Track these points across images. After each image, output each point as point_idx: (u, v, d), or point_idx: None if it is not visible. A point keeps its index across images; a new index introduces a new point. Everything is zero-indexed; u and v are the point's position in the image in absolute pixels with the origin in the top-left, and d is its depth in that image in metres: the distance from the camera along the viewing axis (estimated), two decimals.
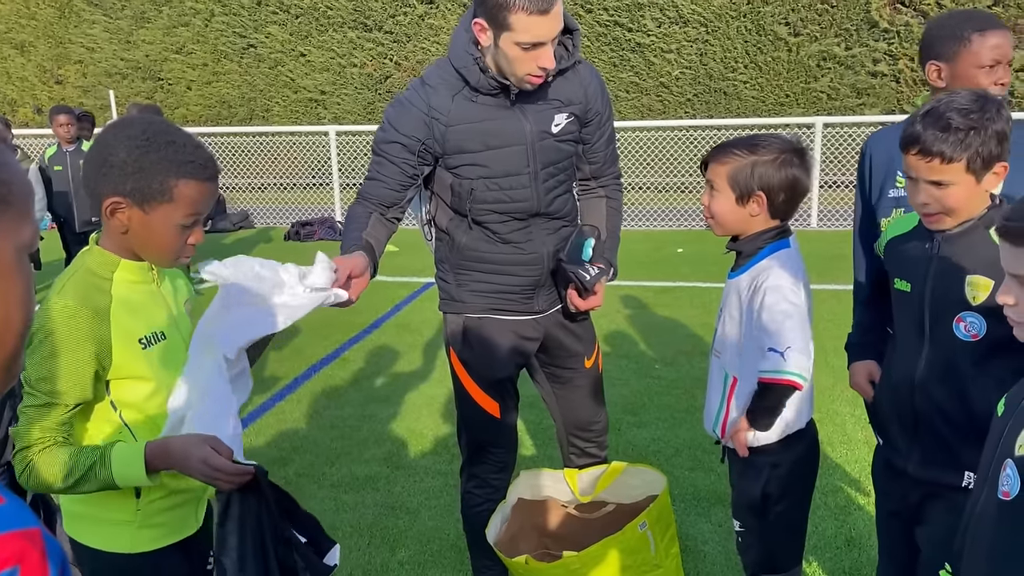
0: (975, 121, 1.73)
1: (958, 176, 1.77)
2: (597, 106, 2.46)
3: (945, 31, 2.34)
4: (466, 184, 2.37)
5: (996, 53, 2.26)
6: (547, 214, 2.45)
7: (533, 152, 2.36)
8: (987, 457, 1.44)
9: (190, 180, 1.59)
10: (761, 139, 2.08)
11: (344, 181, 13.12)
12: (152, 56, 16.64)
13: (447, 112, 2.31)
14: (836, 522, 3.35)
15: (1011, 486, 1.30)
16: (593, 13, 14.44)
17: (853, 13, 13.41)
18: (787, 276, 2.01)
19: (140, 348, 1.65)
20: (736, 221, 2.09)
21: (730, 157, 2.06)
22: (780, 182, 2.02)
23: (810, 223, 11.21)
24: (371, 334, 6.40)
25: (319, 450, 4.28)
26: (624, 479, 2.65)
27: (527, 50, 2.14)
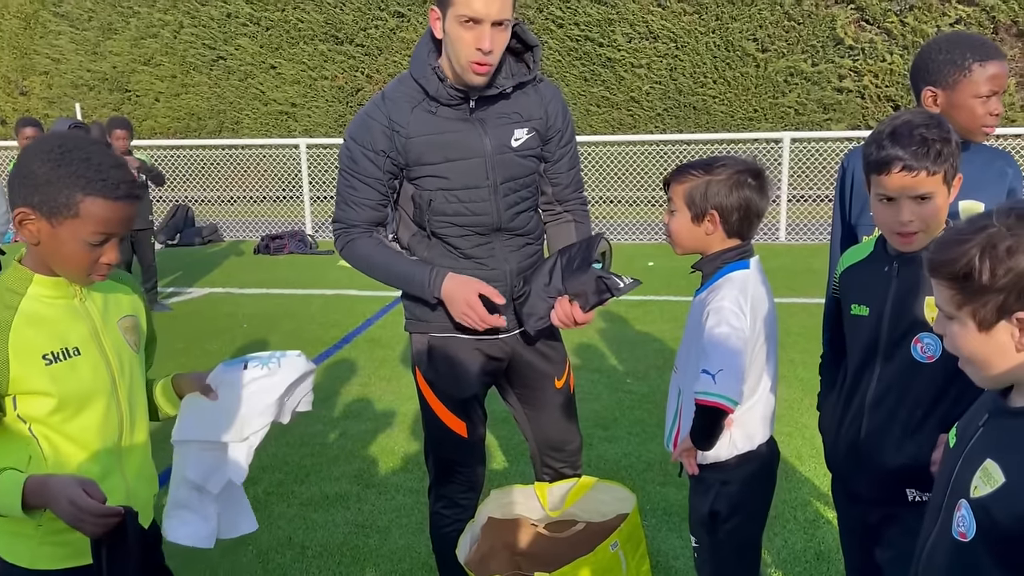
0: (942, 134, 1.82)
1: (938, 187, 1.84)
2: (558, 124, 2.47)
3: (944, 57, 2.30)
4: (426, 195, 2.37)
5: (994, 84, 2.27)
6: (509, 230, 2.44)
7: (492, 165, 2.36)
8: (939, 489, 1.43)
9: (97, 197, 1.57)
10: (719, 160, 2.11)
11: (315, 194, 13.06)
12: (119, 68, 16.47)
13: (406, 124, 2.31)
14: (805, 536, 3.37)
15: (967, 528, 1.29)
16: (564, 28, 14.54)
17: (819, 30, 13.64)
18: (732, 298, 2.02)
19: (43, 364, 1.63)
20: (692, 240, 2.12)
21: (687, 177, 2.10)
22: (733, 202, 2.05)
23: (778, 237, 11.35)
24: (341, 349, 6.35)
25: (288, 468, 4.23)
26: (594, 495, 2.64)
27: (468, 28, 2.17)
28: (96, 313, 1.74)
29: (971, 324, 1.29)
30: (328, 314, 7.42)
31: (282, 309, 7.80)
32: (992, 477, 1.26)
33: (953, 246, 1.29)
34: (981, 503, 1.26)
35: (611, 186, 12.79)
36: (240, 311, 7.78)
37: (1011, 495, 1.21)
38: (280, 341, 6.60)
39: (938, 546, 1.38)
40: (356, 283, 8.64)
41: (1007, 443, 1.28)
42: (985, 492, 1.26)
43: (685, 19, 14.08)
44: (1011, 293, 1.24)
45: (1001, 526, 1.22)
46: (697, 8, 14.01)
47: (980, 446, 1.33)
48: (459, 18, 2.17)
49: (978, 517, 1.26)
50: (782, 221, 11.40)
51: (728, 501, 2.12)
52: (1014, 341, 1.26)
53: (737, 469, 2.11)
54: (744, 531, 2.19)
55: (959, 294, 1.29)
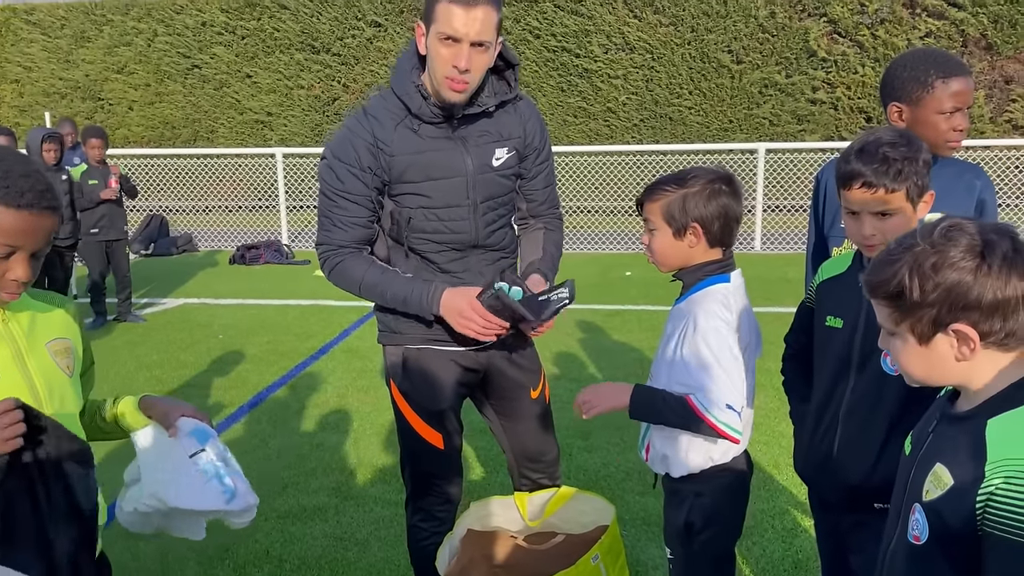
0: (907, 153, 1.85)
1: (900, 204, 1.87)
2: (535, 142, 2.48)
3: (909, 74, 2.34)
4: (405, 212, 2.36)
5: (957, 100, 2.30)
6: (485, 246, 2.45)
7: (473, 185, 2.36)
8: (897, 496, 1.47)
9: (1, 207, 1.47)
10: (688, 172, 2.11)
11: (291, 203, 12.99)
12: (92, 76, 16.32)
13: (390, 142, 2.30)
14: (783, 544, 3.39)
15: (920, 531, 1.33)
16: (541, 39, 14.62)
17: (793, 43, 13.82)
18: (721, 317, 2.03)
19: None
20: (677, 255, 2.12)
21: (661, 194, 2.09)
22: (712, 211, 2.05)
23: (753, 246, 11.45)
24: (319, 360, 6.31)
25: (265, 480, 4.19)
26: (574, 505, 2.64)
27: (447, 45, 2.17)
28: (20, 335, 1.63)
29: (911, 339, 1.34)
30: (305, 325, 7.38)
31: (258, 320, 7.74)
32: (942, 480, 1.29)
33: (885, 267, 1.34)
34: (932, 506, 1.30)
35: (588, 196, 12.85)
36: (215, 322, 7.72)
37: (959, 496, 1.25)
38: (256, 352, 6.55)
39: (898, 550, 1.42)
40: (333, 293, 8.58)
41: (954, 446, 1.32)
42: (936, 495, 1.30)
43: (661, 31, 14.21)
44: (943, 306, 1.28)
45: (951, 527, 1.26)
46: (673, 20, 14.15)
47: (930, 451, 1.37)
48: (439, 35, 2.18)
49: (930, 520, 1.30)
50: (757, 231, 11.51)
51: (702, 513, 2.12)
52: (953, 351, 1.31)
53: (712, 481, 2.11)
54: (718, 542, 2.19)
55: (896, 311, 1.33)
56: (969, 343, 1.28)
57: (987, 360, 1.30)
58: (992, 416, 1.29)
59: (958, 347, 1.30)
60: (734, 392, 1.98)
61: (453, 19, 2.15)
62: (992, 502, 1.21)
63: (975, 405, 1.33)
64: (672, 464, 2.13)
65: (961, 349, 1.30)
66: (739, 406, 1.98)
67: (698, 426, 2.01)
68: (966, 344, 1.29)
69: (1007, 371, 1.30)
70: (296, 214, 13.44)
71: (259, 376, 5.94)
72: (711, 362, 1.99)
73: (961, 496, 1.25)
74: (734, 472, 2.15)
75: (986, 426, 1.28)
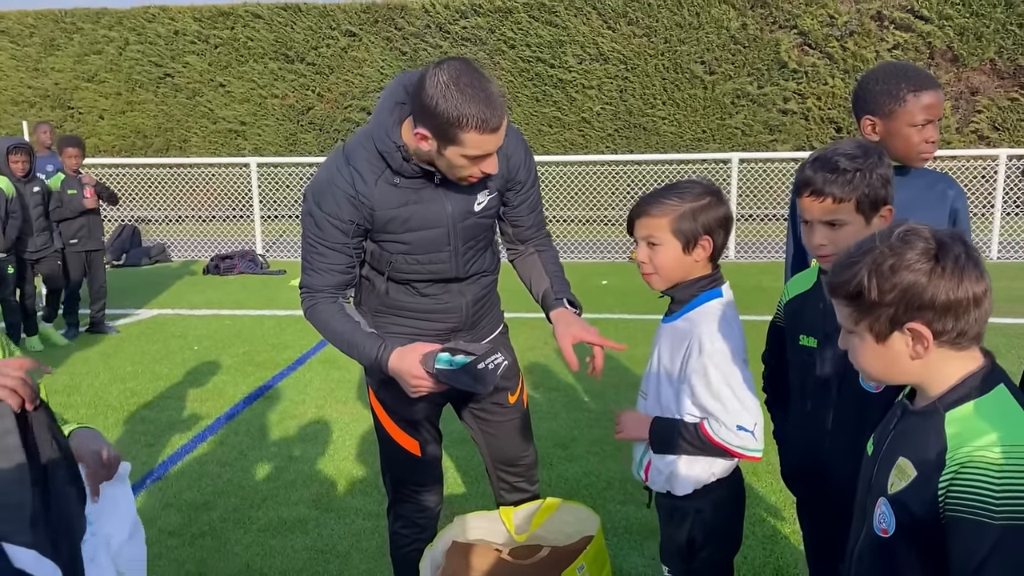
0: (861, 164, 1.86)
1: (850, 215, 1.87)
2: (519, 175, 2.43)
3: (881, 87, 2.38)
4: (386, 256, 2.35)
5: (929, 112, 2.34)
6: (466, 277, 2.46)
7: (455, 231, 2.34)
8: (861, 495, 1.53)
9: None
10: (684, 185, 2.08)
11: (265, 213, 12.91)
12: (62, 84, 16.12)
13: (370, 196, 2.26)
14: (764, 551, 3.42)
15: (887, 523, 1.39)
16: (516, 49, 14.68)
17: (764, 54, 14.00)
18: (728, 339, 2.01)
19: None
20: (680, 270, 2.07)
21: (666, 208, 2.03)
22: (718, 222, 2.04)
23: (728, 255, 11.56)
24: (296, 370, 6.27)
25: (244, 493, 4.16)
26: (559, 516, 2.64)
27: (475, 160, 2.12)
28: None
29: (869, 337, 1.41)
30: (281, 335, 7.33)
31: (233, 331, 7.68)
32: (905, 472, 1.36)
33: (845, 269, 1.42)
34: (897, 498, 1.36)
35: (564, 206, 12.89)
36: (190, 333, 7.64)
37: (922, 485, 1.32)
38: (232, 363, 6.49)
39: (865, 546, 1.47)
40: None
41: (914, 439, 1.39)
42: (900, 487, 1.36)
43: (635, 41, 14.33)
44: (899, 306, 1.34)
45: (916, 516, 1.32)
46: (646, 31, 14.27)
47: (892, 447, 1.44)
48: (465, 155, 2.10)
49: (897, 512, 1.36)
50: (731, 240, 11.61)
51: (704, 528, 2.11)
52: (908, 350, 1.37)
53: (711, 495, 2.11)
54: (721, 555, 2.20)
55: (855, 311, 1.41)
56: (923, 341, 1.35)
57: (941, 358, 1.37)
58: (949, 409, 1.36)
59: (913, 345, 1.36)
60: (744, 412, 1.97)
61: (486, 144, 2.07)
62: (952, 487, 1.28)
63: (932, 400, 1.39)
64: (676, 482, 2.10)
65: (916, 347, 1.36)
66: (751, 424, 1.97)
67: (717, 452, 2.01)
68: (920, 343, 1.35)
69: (960, 368, 1.38)
70: (271, 224, 13.35)
71: (235, 387, 5.89)
72: (720, 385, 1.97)
73: (924, 485, 1.32)
74: (732, 485, 2.15)
75: (944, 419, 1.35)
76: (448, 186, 2.28)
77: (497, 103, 2.04)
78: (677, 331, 2.09)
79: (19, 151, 6.96)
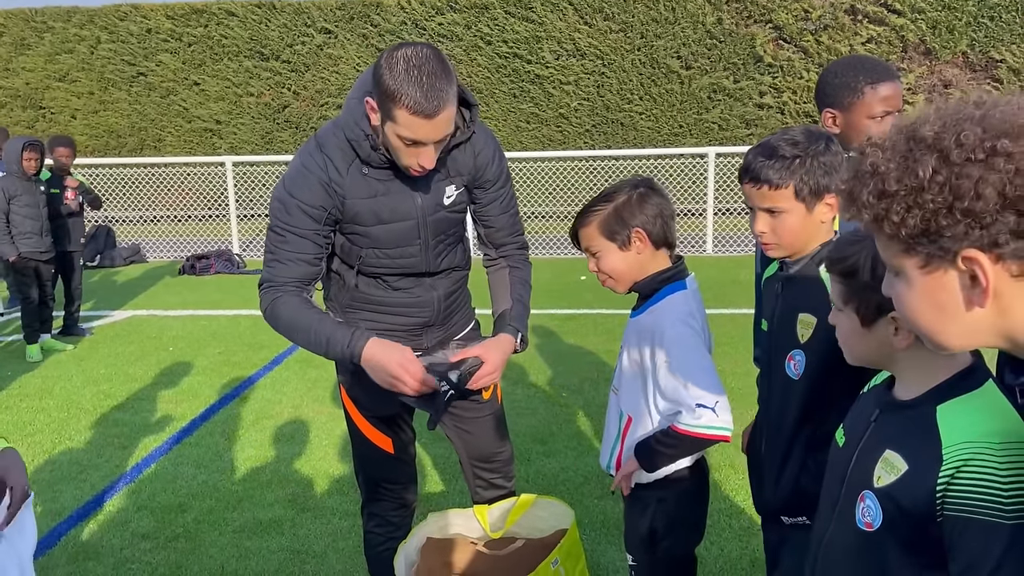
0: (801, 151, 1.81)
1: (788, 203, 1.82)
2: (487, 174, 2.40)
3: (840, 80, 2.40)
4: (355, 250, 2.32)
5: (887, 104, 2.35)
6: (437, 272, 2.44)
7: (425, 224, 2.32)
8: (831, 488, 1.48)
9: None
10: (609, 189, 2.12)
11: (241, 212, 12.80)
12: (33, 84, 15.90)
13: (342, 184, 2.23)
14: (740, 544, 3.43)
15: (873, 517, 1.34)
16: (493, 45, 14.65)
17: (740, 48, 14.06)
18: (686, 322, 2.02)
19: None
20: (630, 268, 2.09)
21: (593, 215, 2.08)
22: (648, 213, 2.05)
23: (705, 249, 11.60)
24: (272, 370, 6.22)
25: (219, 494, 4.12)
26: (534, 512, 2.64)
27: (408, 145, 2.08)
28: None
29: (855, 319, 1.41)
30: (257, 335, 7.26)
31: (209, 331, 7.61)
32: (894, 466, 1.32)
33: (847, 246, 1.42)
34: (886, 492, 1.32)
35: (542, 201, 12.88)
36: (165, 334, 7.56)
37: (915, 480, 1.27)
38: (208, 363, 6.43)
39: (837, 541, 1.43)
40: None
41: (902, 431, 1.34)
42: (889, 480, 1.32)
43: (611, 37, 14.34)
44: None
45: (908, 511, 1.28)
46: (623, 26, 14.29)
47: (875, 440, 1.39)
48: (399, 136, 2.06)
49: (884, 506, 1.32)
50: (708, 234, 11.66)
51: (666, 518, 2.12)
52: (891, 338, 1.36)
53: (674, 485, 2.11)
54: (681, 546, 2.20)
55: (846, 290, 1.41)
56: (907, 332, 1.32)
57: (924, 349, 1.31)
58: (941, 402, 1.31)
59: (896, 335, 1.35)
60: (703, 391, 1.95)
61: (416, 128, 2.03)
62: (953, 485, 1.22)
63: (920, 393, 1.35)
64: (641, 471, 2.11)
65: (898, 337, 1.35)
66: (712, 402, 1.95)
67: (696, 444, 1.99)
68: (904, 333, 1.34)
69: (946, 360, 1.33)
70: (247, 223, 13.24)
71: (211, 388, 5.83)
72: (680, 368, 1.98)
73: (918, 480, 1.27)
74: (695, 476, 2.16)
75: (936, 412, 1.31)
76: (416, 179, 2.26)
77: (439, 94, 2.00)
78: (642, 325, 2.10)
79: (34, 148, 6.86)
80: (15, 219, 6.80)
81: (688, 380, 1.97)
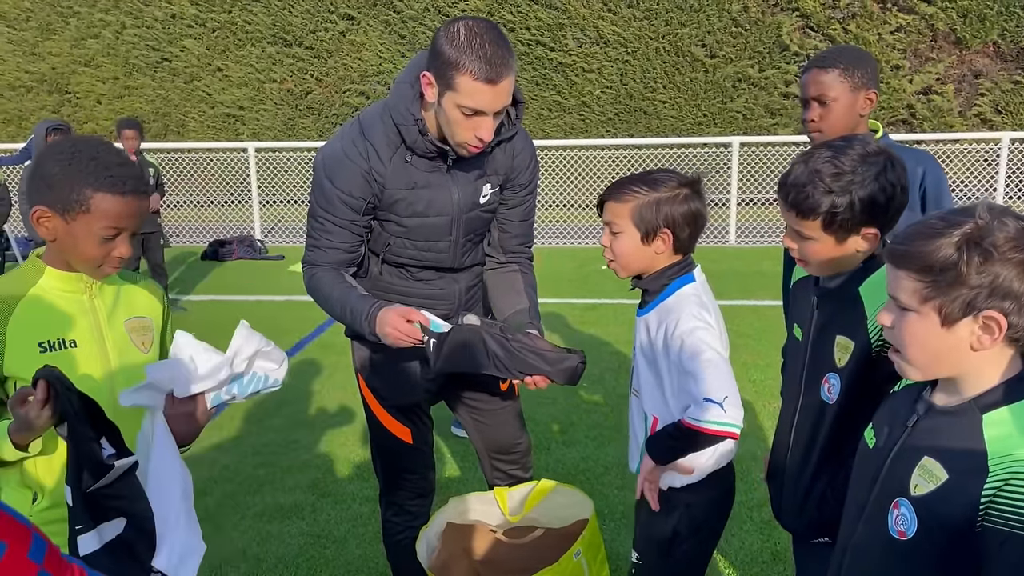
0: (841, 185, 1.68)
1: (815, 232, 1.73)
2: (521, 178, 2.41)
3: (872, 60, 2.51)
4: (385, 237, 2.33)
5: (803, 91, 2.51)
6: (460, 268, 2.45)
7: (459, 222, 2.32)
8: (861, 489, 1.42)
9: (107, 193, 1.68)
10: (658, 174, 2.01)
11: (264, 198, 12.86)
12: (59, 69, 16.03)
13: (384, 172, 2.23)
14: (761, 536, 3.40)
15: (907, 526, 1.30)
16: (516, 32, 14.56)
17: (765, 37, 13.89)
18: (699, 317, 1.96)
19: (38, 351, 1.72)
20: (640, 260, 2.02)
21: (631, 195, 1.97)
22: (684, 217, 1.97)
23: (728, 240, 11.51)
24: (294, 356, 6.25)
25: (241, 479, 4.14)
26: (553, 499, 2.63)
27: (468, 116, 2.07)
28: (103, 310, 1.83)
29: (935, 319, 1.27)
30: (279, 321, 7.29)
31: (231, 316, 7.59)
32: (933, 475, 1.27)
33: (927, 238, 1.26)
34: (923, 501, 1.28)
35: (563, 190, 12.83)
36: (188, 318, 7.61)
37: (957, 491, 1.23)
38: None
39: (866, 546, 1.38)
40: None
41: (944, 439, 1.29)
42: (928, 489, 1.27)
43: (635, 24, 14.21)
44: (984, 290, 1.23)
45: (946, 521, 1.24)
46: (647, 14, 14.16)
47: (914, 444, 1.34)
48: (461, 107, 2.05)
49: (920, 515, 1.28)
50: (732, 224, 11.56)
51: (692, 522, 2.07)
52: (972, 339, 1.26)
53: (703, 490, 2.06)
54: (701, 548, 2.15)
55: (928, 287, 1.26)
56: (994, 332, 1.24)
57: (993, 354, 1.27)
58: (987, 411, 1.27)
59: (980, 335, 1.25)
60: (712, 386, 1.88)
61: (479, 96, 2.02)
62: (998, 499, 1.19)
63: (967, 399, 1.30)
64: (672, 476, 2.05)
65: (982, 338, 1.25)
66: (720, 397, 1.87)
67: (704, 440, 1.91)
68: (990, 333, 1.25)
69: (1004, 367, 1.28)
70: (269, 209, 13.30)
71: None
72: (690, 364, 1.92)
73: (960, 491, 1.23)
74: (724, 480, 2.11)
75: (982, 421, 1.26)
76: (457, 174, 2.26)
77: (501, 60, 2.02)
78: (652, 322, 2.04)
79: (58, 132, 6.95)
80: None
81: (698, 374, 1.90)
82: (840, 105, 2.44)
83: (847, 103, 2.44)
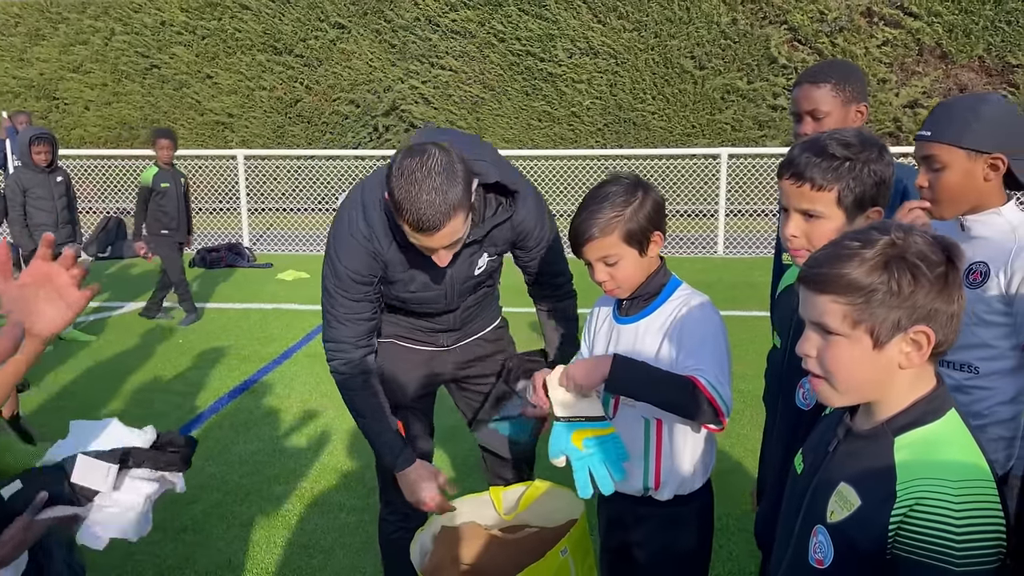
0: (853, 154, 1.65)
1: (828, 208, 1.67)
2: (529, 241, 2.46)
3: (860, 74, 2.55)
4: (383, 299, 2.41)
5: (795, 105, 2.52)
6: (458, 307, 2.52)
7: (454, 292, 2.41)
8: (788, 517, 1.40)
9: None
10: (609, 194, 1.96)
11: (252, 206, 12.82)
12: (47, 75, 15.96)
13: (385, 255, 2.29)
14: (749, 546, 3.41)
15: (824, 554, 1.27)
16: (506, 43, 14.62)
17: (754, 49, 13.99)
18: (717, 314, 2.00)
19: None
20: (643, 272, 2.02)
21: (611, 224, 1.93)
22: (658, 211, 1.98)
23: (716, 251, 11.55)
24: (282, 364, 6.23)
25: (227, 487, 4.12)
26: (546, 499, 2.64)
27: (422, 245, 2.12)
28: None
29: (866, 341, 1.22)
30: (267, 328, 7.27)
31: (219, 324, 7.62)
32: (848, 501, 1.24)
33: (850, 259, 1.22)
34: (839, 528, 1.24)
35: (553, 200, 12.86)
36: (175, 326, 7.57)
37: (868, 517, 1.20)
38: (217, 356, 6.43)
39: (794, 572, 1.35)
40: (295, 297, 8.48)
41: (858, 464, 1.26)
42: (843, 516, 1.24)
43: (625, 36, 14.29)
44: (913, 308, 1.20)
45: (860, 549, 1.20)
46: (637, 25, 14.24)
47: (832, 470, 1.31)
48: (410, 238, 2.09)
49: (836, 542, 1.24)
50: (720, 235, 11.61)
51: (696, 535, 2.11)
52: (901, 357, 1.22)
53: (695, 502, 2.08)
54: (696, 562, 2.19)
55: (857, 309, 1.21)
56: (923, 348, 1.21)
57: (911, 373, 1.24)
58: (899, 434, 1.24)
59: (910, 351, 1.22)
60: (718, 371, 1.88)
61: (421, 241, 2.06)
62: (905, 525, 1.16)
63: (879, 422, 1.27)
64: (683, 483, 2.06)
65: (911, 355, 1.22)
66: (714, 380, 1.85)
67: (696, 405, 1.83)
68: (919, 349, 1.21)
69: (913, 388, 1.26)
70: (258, 217, 13.26)
71: (220, 381, 5.84)
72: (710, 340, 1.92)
73: (870, 517, 1.20)
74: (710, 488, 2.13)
75: (893, 444, 1.23)
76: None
77: (438, 209, 1.97)
78: (654, 325, 2.03)
79: (42, 141, 6.85)
80: (29, 211, 6.82)
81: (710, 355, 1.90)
82: (833, 119, 2.46)
83: (839, 117, 2.47)
